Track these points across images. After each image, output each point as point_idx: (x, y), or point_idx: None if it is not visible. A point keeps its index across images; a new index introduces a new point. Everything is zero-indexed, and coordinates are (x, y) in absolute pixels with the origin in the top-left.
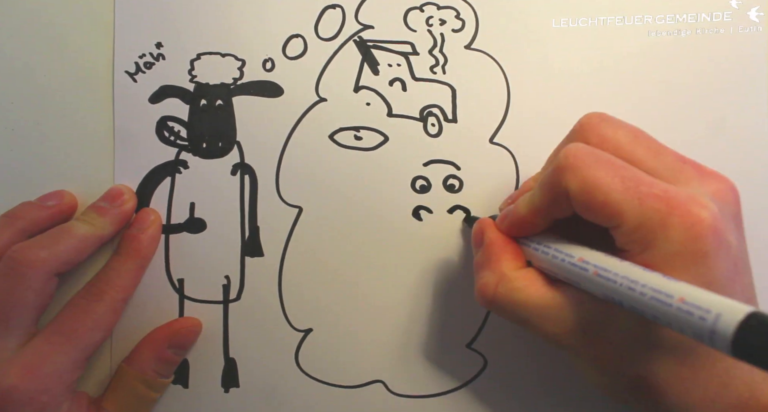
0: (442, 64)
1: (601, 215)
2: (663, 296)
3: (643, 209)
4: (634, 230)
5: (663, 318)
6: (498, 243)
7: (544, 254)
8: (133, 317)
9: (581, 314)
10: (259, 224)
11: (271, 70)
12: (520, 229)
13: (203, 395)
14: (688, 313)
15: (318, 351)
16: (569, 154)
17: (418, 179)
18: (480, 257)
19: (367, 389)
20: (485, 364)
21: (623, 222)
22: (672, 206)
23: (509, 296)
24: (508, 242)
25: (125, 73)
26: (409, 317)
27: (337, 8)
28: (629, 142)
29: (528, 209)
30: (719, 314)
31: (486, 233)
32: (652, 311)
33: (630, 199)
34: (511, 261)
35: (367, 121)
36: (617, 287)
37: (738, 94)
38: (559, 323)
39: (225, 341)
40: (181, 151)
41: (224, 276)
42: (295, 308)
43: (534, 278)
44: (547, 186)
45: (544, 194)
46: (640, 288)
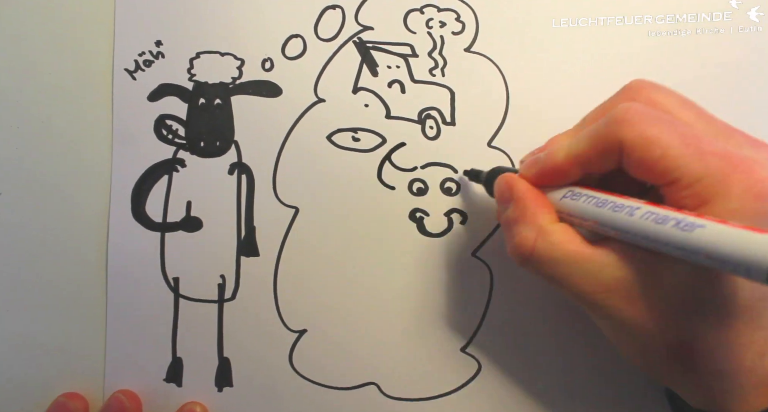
0: (441, 67)
1: (656, 169)
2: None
3: (704, 165)
4: (692, 185)
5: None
6: (531, 196)
7: (565, 198)
8: (127, 316)
9: (625, 271)
10: (255, 224)
11: (270, 70)
12: (553, 177)
13: (197, 394)
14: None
15: (312, 352)
16: (629, 110)
17: (416, 182)
18: (512, 212)
19: (360, 391)
20: (479, 368)
21: (681, 177)
22: (734, 164)
23: (550, 250)
24: (541, 195)
25: (125, 71)
26: (404, 320)
27: (337, 9)
28: (680, 107)
29: (566, 157)
30: (761, 241)
31: (516, 186)
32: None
33: (689, 155)
34: (547, 214)
35: (365, 123)
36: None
37: (738, 94)
38: (601, 281)
39: (219, 341)
40: (179, 150)
41: (219, 275)
42: (290, 309)
43: (573, 232)
44: (597, 137)
45: (592, 144)
46: (670, 225)
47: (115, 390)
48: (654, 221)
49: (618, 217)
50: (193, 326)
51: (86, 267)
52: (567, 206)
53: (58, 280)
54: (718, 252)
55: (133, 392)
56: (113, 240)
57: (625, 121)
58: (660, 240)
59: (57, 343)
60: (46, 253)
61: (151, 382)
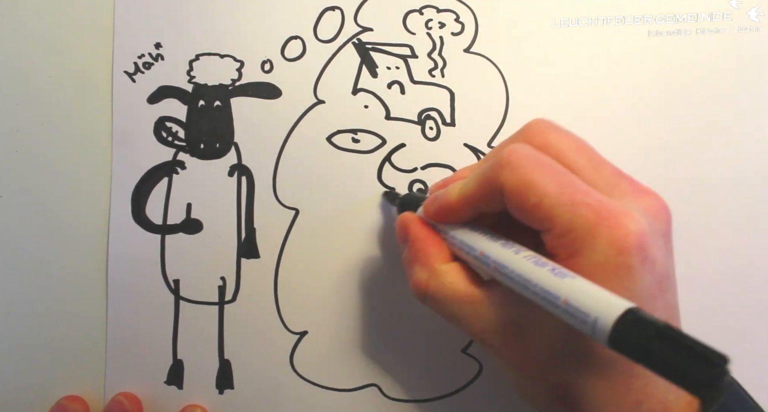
0: (441, 68)
1: (532, 216)
2: (551, 297)
3: (574, 216)
4: (562, 235)
5: (554, 314)
6: (424, 237)
7: (453, 244)
8: (128, 318)
9: (505, 313)
10: (255, 226)
11: (270, 71)
12: (447, 215)
13: (197, 396)
14: (571, 315)
15: (313, 354)
16: (511, 152)
17: (416, 183)
18: (408, 253)
19: (361, 392)
20: (480, 369)
21: (553, 226)
22: (602, 217)
23: (441, 291)
24: (434, 235)
25: (124, 73)
26: (405, 321)
27: (336, 10)
28: (572, 151)
29: (458, 197)
30: (597, 317)
31: (410, 227)
32: (544, 307)
33: (562, 205)
34: (439, 255)
35: (365, 124)
36: (514, 285)
37: (738, 94)
38: (484, 321)
39: (220, 343)
40: (179, 152)
41: (220, 277)
42: (291, 311)
43: (462, 272)
44: (482, 179)
45: (478, 186)
46: (532, 287)
47: (116, 392)
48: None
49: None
50: (194, 328)
51: (87, 269)
52: (455, 245)
53: (58, 282)
54: (572, 323)
55: (134, 394)
56: (113, 242)
57: (508, 164)
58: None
59: (58, 345)
60: (46, 255)
61: (151, 384)
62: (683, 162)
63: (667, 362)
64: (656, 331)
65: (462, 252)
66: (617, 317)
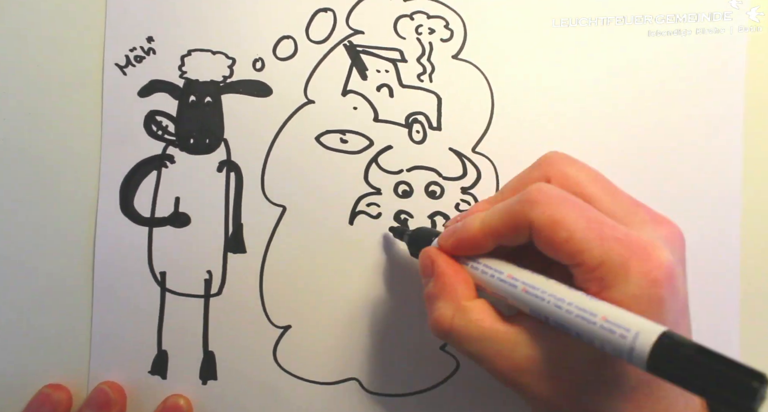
0: (429, 73)
1: (563, 251)
2: (587, 314)
3: (605, 250)
4: (593, 269)
5: (586, 335)
6: (451, 273)
7: (475, 270)
8: (113, 308)
9: (535, 349)
10: (242, 221)
11: (261, 69)
12: (467, 247)
13: (181, 387)
14: (609, 331)
15: (296, 347)
16: (539, 191)
17: (401, 184)
18: (433, 288)
19: (342, 386)
20: (457, 366)
21: (585, 261)
22: (632, 250)
23: (466, 327)
24: (461, 271)
25: (115, 65)
26: (386, 318)
27: (328, 12)
28: (589, 182)
29: (480, 228)
30: (638, 333)
31: (437, 261)
32: (576, 328)
33: (593, 239)
34: (466, 291)
35: (353, 125)
36: (545, 304)
37: (738, 94)
38: (513, 359)
39: (205, 335)
40: (168, 146)
41: (206, 271)
42: (275, 305)
43: (488, 310)
44: (508, 213)
45: (504, 220)
46: (566, 306)
47: (99, 381)
48: (533, 296)
49: (504, 288)
50: (179, 320)
51: (73, 259)
52: (483, 281)
53: (45, 272)
54: (607, 341)
55: (118, 383)
56: (101, 234)
57: (536, 201)
58: (562, 325)
59: (42, 334)
60: (33, 245)
61: (135, 374)
62: (683, 162)
63: (706, 382)
64: (694, 352)
65: (486, 276)
66: (655, 341)
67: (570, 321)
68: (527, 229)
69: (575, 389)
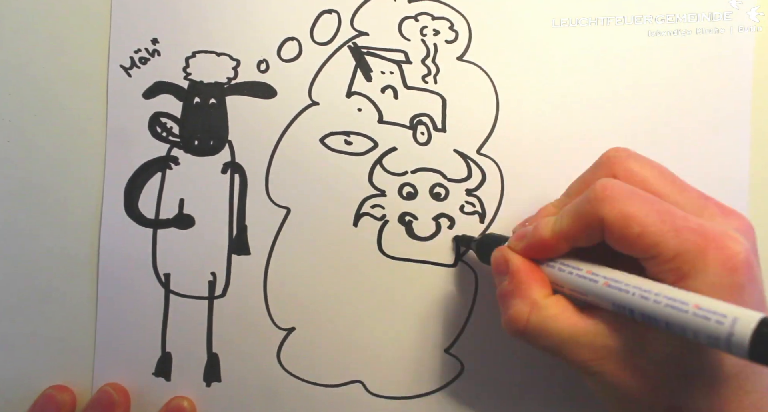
0: (434, 74)
1: (637, 246)
2: (678, 303)
3: (680, 241)
4: (669, 260)
5: (677, 325)
6: (526, 270)
7: (551, 268)
8: (117, 310)
9: (616, 340)
10: (247, 223)
11: (266, 71)
12: (540, 251)
13: (185, 389)
14: (704, 318)
15: (300, 350)
16: (606, 187)
17: (405, 186)
18: (508, 285)
19: (346, 388)
20: (462, 369)
21: (660, 253)
22: (708, 240)
23: (543, 324)
24: (536, 269)
25: (120, 67)
26: (390, 320)
27: (333, 13)
28: (656, 177)
29: (552, 233)
30: (736, 318)
31: (511, 260)
32: (666, 317)
33: (667, 231)
34: (542, 289)
35: (357, 127)
36: (630, 297)
37: (738, 94)
38: (593, 350)
39: (209, 337)
40: (173, 148)
41: (210, 273)
42: (279, 307)
43: (565, 305)
44: (579, 214)
45: (575, 222)
46: (654, 296)
47: (103, 383)
48: (617, 289)
49: (610, 293)
50: (183, 322)
51: (78, 261)
52: (560, 279)
53: (49, 273)
54: (702, 329)
55: (122, 385)
56: (105, 235)
57: (605, 198)
58: (649, 316)
59: (47, 335)
60: (37, 247)
61: (139, 376)
62: (683, 162)
63: None
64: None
65: (563, 274)
66: (755, 326)
67: (659, 311)
68: (599, 227)
69: (656, 380)
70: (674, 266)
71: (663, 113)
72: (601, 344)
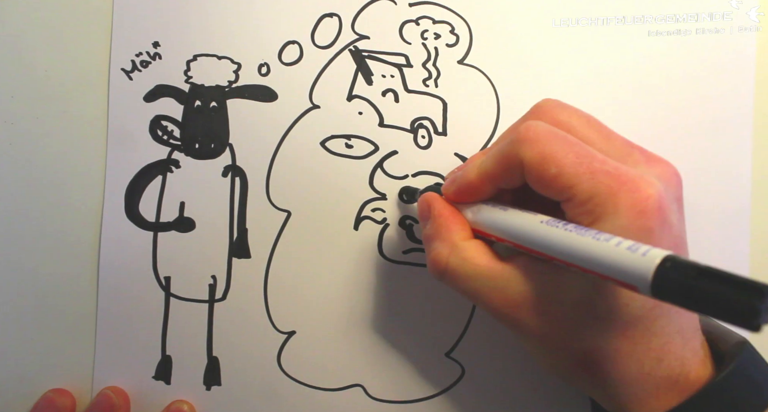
0: (434, 78)
1: (553, 187)
2: (592, 233)
3: (594, 183)
4: (583, 203)
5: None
6: (446, 214)
7: (476, 220)
8: (117, 313)
9: (529, 285)
10: (247, 226)
11: (267, 74)
12: (468, 193)
13: (185, 392)
14: (614, 253)
15: (300, 353)
16: (528, 128)
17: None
18: (429, 229)
19: (346, 392)
20: (462, 373)
21: (574, 195)
22: (621, 182)
23: (461, 266)
24: (456, 213)
25: (121, 70)
26: (391, 324)
27: (334, 17)
28: (582, 125)
29: (478, 175)
30: (644, 254)
31: (433, 205)
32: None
33: (582, 173)
34: (461, 231)
35: (358, 130)
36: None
37: (739, 94)
38: (508, 295)
39: (209, 340)
40: (174, 151)
41: (211, 276)
42: (280, 311)
43: (483, 248)
44: (501, 155)
45: (498, 162)
46: (563, 226)
47: (103, 386)
48: (550, 227)
49: (521, 229)
50: (183, 325)
51: (78, 264)
52: (479, 221)
53: (49, 276)
54: (606, 265)
55: (122, 388)
56: (106, 238)
57: (526, 140)
58: (557, 250)
59: (47, 338)
60: (38, 249)
61: (139, 379)
62: (684, 162)
63: (713, 299)
64: (697, 272)
65: (482, 215)
66: (658, 264)
67: (569, 255)
68: (520, 168)
69: (568, 325)
70: (588, 209)
71: (663, 113)
72: (515, 289)
